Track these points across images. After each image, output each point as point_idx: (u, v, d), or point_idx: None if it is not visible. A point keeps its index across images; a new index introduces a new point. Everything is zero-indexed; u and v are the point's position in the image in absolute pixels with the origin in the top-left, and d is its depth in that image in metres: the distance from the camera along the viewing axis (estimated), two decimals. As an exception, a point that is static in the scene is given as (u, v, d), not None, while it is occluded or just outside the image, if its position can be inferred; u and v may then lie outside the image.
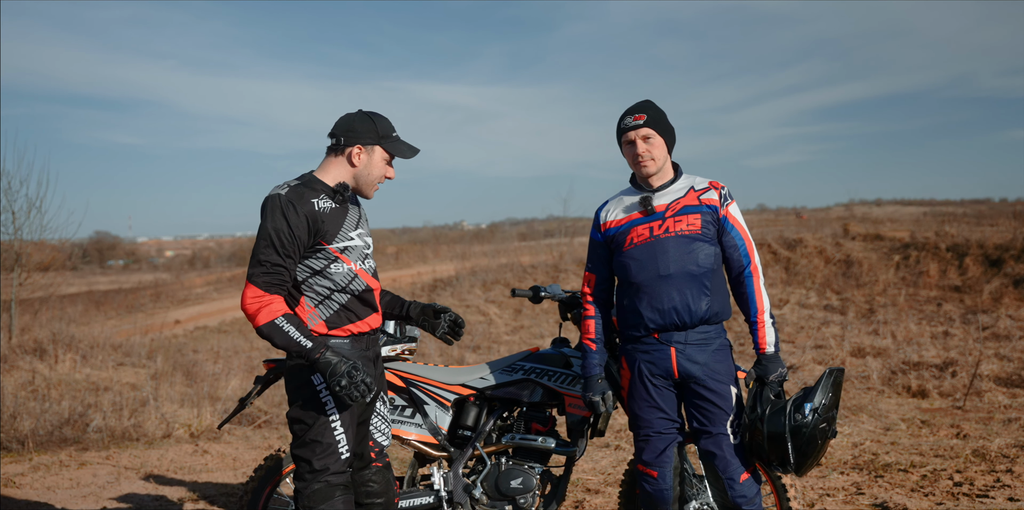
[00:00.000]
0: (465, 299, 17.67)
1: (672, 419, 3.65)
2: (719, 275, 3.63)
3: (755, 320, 3.60)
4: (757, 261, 3.64)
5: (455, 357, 11.78)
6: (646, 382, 3.63)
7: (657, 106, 3.69)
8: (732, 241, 3.61)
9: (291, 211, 3.21)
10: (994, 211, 32.00)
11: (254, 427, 8.29)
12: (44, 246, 14.48)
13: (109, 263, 60.10)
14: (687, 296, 3.54)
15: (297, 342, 3.18)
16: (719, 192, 3.63)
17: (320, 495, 3.31)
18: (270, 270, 3.20)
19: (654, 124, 3.62)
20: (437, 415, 4.11)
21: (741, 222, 3.64)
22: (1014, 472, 5.51)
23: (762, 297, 3.60)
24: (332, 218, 3.32)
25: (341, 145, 3.37)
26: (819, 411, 3.43)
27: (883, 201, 53.58)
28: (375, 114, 3.42)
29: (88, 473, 6.56)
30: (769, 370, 3.56)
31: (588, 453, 6.58)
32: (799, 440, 3.42)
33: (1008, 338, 11.25)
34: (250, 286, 3.20)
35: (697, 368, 3.56)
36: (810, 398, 3.46)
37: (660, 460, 3.64)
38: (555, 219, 31.22)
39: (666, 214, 3.60)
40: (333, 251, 3.32)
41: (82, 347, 11.24)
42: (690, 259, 3.55)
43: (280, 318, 3.18)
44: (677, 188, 3.65)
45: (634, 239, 3.63)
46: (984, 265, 16.01)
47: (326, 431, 3.31)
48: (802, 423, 3.41)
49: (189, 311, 23.54)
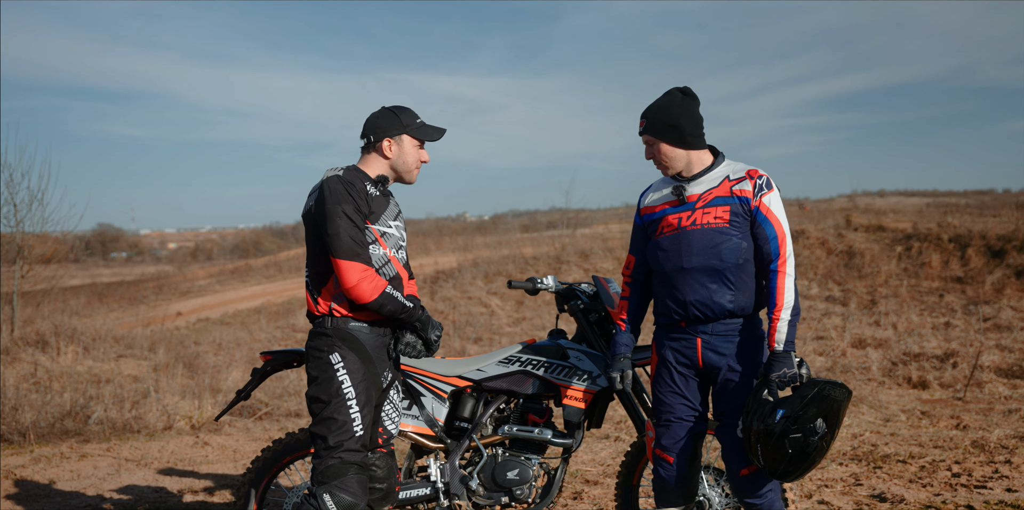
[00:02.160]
0: (467, 291, 17.68)
1: (694, 407, 3.61)
2: (747, 269, 3.52)
3: (772, 316, 3.47)
4: (788, 255, 3.48)
5: (456, 349, 11.81)
6: (671, 369, 3.61)
7: (661, 104, 3.58)
8: (764, 233, 3.49)
9: (352, 188, 3.43)
10: (997, 202, 31.95)
11: (255, 419, 8.31)
12: (46, 238, 14.51)
13: (112, 255, 60.21)
14: (709, 290, 3.48)
15: (405, 305, 3.48)
16: (754, 182, 3.51)
17: (334, 471, 3.40)
18: (358, 243, 3.39)
19: (651, 129, 3.56)
20: (434, 407, 4.11)
21: (776, 213, 3.49)
22: (1013, 463, 5.51)
23: (784, 293, 3.45)
24: (377, 203, 3.54)
25: (372, 142, 3.56)
26: (791, 420, 3.28)
27: (886, 192, 53.50)
28: (397, 107, 3.63)
29: (89, 465, 6.58)
30: (773, 368, 3.41)
31: (587, 444, 6.59)
32: (766, 445, 3.32)
33: (1009, 329, 11.25)
34: (350, 263, 3.37)
35: (721, 360, 3.52)
36: (784, 404, 3.32)
37: (677, 446, 3.61)
38: (558, 210, 31.24)
39: (697, 204, 3.53)
40: (375, 232, 3.50)
41: (84, 339, 11.27)
42: (713, 253, 3.47)
43: (388, 287, 3.44)
44: (713, 177, 3.56)
45: (664, 228, 3.59)
46: (986, 256, 15.99)
47: (342, 408, 3.42)
48: (770, 428, 3.30)
49: (191, 303, 23.56)
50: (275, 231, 65.88)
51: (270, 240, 59.53)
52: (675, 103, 3.57)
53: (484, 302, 16.54)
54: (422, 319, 3.56)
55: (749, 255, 3.52)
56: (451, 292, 17.69)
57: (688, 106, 3.57)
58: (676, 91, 3.61)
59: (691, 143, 3.56)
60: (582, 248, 20.17)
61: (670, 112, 3.56)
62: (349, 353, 3.46)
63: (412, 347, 3.58)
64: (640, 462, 4.11)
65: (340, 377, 3.44)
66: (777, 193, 3.54)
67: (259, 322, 17.63)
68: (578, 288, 4.24)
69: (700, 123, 3.59)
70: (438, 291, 18.12)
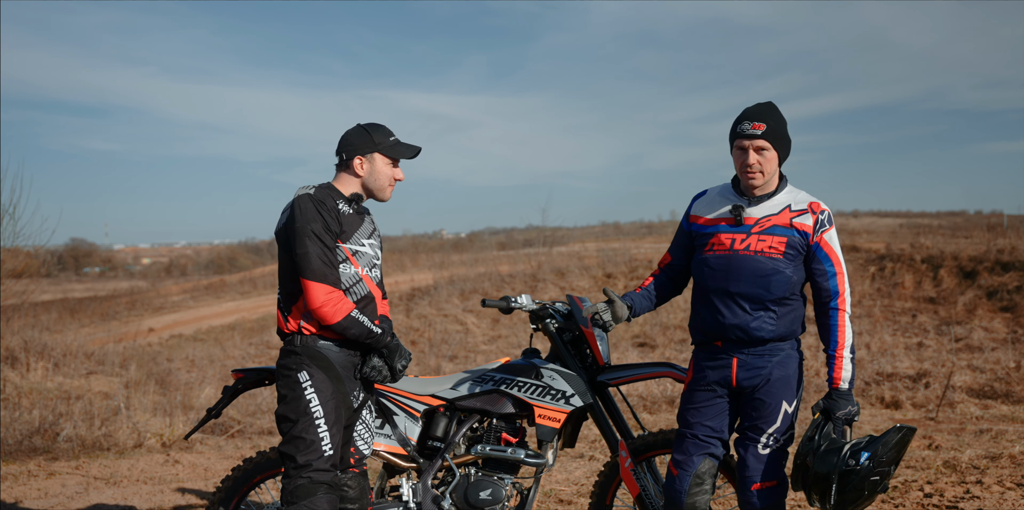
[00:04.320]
0: (443, 308, 17.63)
1: (715, 430, 3.59)
2: (793, 300, 3.50)
3: (833, 354, 3.43)
4: (846, 293, 3.46)
5: (432, 366, 11.76)
6: (702, 387, 3.59)
7: (780, 113, 3.51)
8: (823, 269, 3.45)
9: (323, 207, 3.43)
10: (969, 223, 32.24)
11: (227, 437, 8.23)
12: (18, 253, 14.33)
13: (85, 270, 59.64)
14: (751, 317, 3.46)
15: (371, 331, 3.46)
16: (815, 218, 3.45)
17: (303, 491, 3.38)
18: (326, 263, 3.39)
19: (772, 136, 3.44)
20: (406, 426, 4.09)
21: (836, 251, 3.45)
22: (984, 484, 5.54)
23: (845, 331, 3.43)
24: (349, 221, 3.53)
25: (345, 160, 3.57)
26: (875, 462, 3.28)
27: (860, 212, 53.84)
28: (371, 124, 3.63)
29: (57, 483, 6.49)
30: (839, 406, 3.38)
31: (562, 463, 6.57)
32: (845, 485, 3.29)
33: (981, 349, 11.34)
34: (317, 284, 3.37)
35: (756, 380, 3.49)
36: (872, 448, 3.30)
37: (685, 463, 3.59)
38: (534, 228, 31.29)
39: (753, 229, 3.47)
40: (346, 250, 3.50)
41: (55, 355, 11.14)
42: (762, 283, 3.43)
43: (355, 311, 3.43)
44: (774, 203, 3.50)
45: (715, 245, 3.53)
46: (958, 277, 16.13)
47: (310, 428, 3.41)
48: (853, 469, 3.27)
49: (165, 319, 23.37)
50: (250, 247, 65.55)
51: (245, 256, 59.19)
52: (784, 118, 3.51)
53: (460, 320, 16.50)
54: (389, 346, 3.55)
55: (798, 290, 3.50)
56: (427, 309, 17.64)
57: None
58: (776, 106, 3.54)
59: (783, 161, 3.52)
60: (558, 266, 20.18)
61: (785, 125, 3.51)
62: (318, 371, 3.44)
63: (378, 371, 3.56)
64: (613, 482, 4.11)
65: (308, 396, 3.42)
66: (835, 230, 3.50)
67: (233, 339, 17.50)
68: (552, 307, 4.23)
69: None
70: (414, 308, 18.07)
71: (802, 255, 3.47)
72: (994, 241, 17.75)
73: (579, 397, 4.01)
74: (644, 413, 8.46)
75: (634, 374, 4.09)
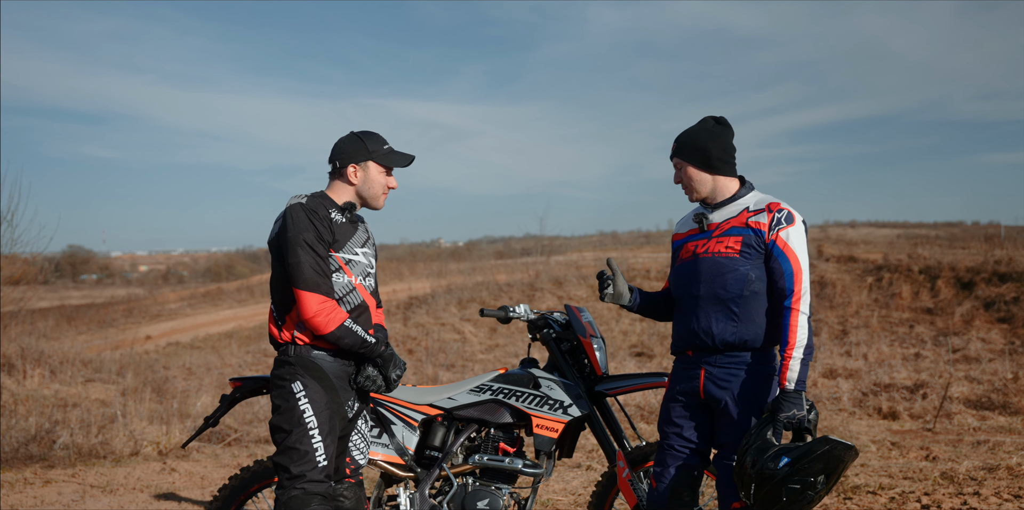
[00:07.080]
0: (440, 317, 17.63)
1: (690, 440, 3.57)
2: (756, 301, 3.47)
3: (783, 354, 3.39)
4: (803, 292, 3.42)
5: (429, 375, 11.75)
6: (676, 398, 3.60)
7: (693, 129, 3.63)
8: (779, 268, 3.44)
9: (315, 216, 3.41)
10: (966, 234, 32.31)
11: (224, 445, 8.21)
12: (15, 260, 14.33)
13: (82, 277, 59.63)
14: (712, 319, 3.47)
15: (365, 340, 3.44)
16: (772, 215, 3.46)
17: (297, 502, 3.36)
18: (319, 273, 3.37)
19: (680, 153, 3.59)
20: (404, 435, 4.09)
21: (795, 250, 3.44)
22: (981, 495, 5.54)
23: (797, 331, 3.37)
24: (342, 230, 3.50)
25: (338, 168, 3.55)
26: (793, 469, 3.21)
27: (857, 223, 53.97)
28: (364, 133, 3.60)
29: (53, 491, 6.47)
30: (782, 408, 3.32)
31: (559, 473, 6.56)
32: (761, 487, 3.26)
33: (978, 360, 11.34)
34: (310, 294, 3.35)
35: (723, 392, 3.47)
36: (793, 454, 3.23)
37: (661, 474, 3.59)
38: (532, 237, 31.23)
39: (714, 233, 3.55)
40: (339, 260, 3.47)
41: (51, 362, 11.14)
42: (719, 282, 3.46)
43: (348, 320, 3.41)
44: (734, 207, 3.57)
45: (683, 255, 3.64)
46: (956, 288, 16.15)
47: (304, 438, 3.39)
48: (771, 472, 3.23)
49: (162, 327, 23.35)
50: (248, 255, 65.50)
51: (243, 264, 59.18)
52: (706, 129, 3.61)
53: (457, 329, 16.50)
54: (384, 356, 3.53)
55: (758, 288, 3.47)
56: (424, 318, 17.64)
57: (719, 133, 3.60)
58: (710, 119, 3.65)
59: (717, 168, 3.57)
60: (556, 275, 20.19)
61: (699, 136, 3.59)
62: (312, 382, 3.43)
63: (372, 381, 3.54)
64: (611, 492, 4.10)
65: (302, 406, 3.41)
66: (799, 228, 3.48)
67: (230, 346, 17.49)
68: (550, 317, 4.24)
69: (730, 151, 3.60)
70: (411, 317, 18.06)
71: (761, 254, 3.48)
72: (991, 252, 17.77)
73: (577, 407, 4.01)
74: (641, 423, 8.46)
75: (632, 384, 4.10)
